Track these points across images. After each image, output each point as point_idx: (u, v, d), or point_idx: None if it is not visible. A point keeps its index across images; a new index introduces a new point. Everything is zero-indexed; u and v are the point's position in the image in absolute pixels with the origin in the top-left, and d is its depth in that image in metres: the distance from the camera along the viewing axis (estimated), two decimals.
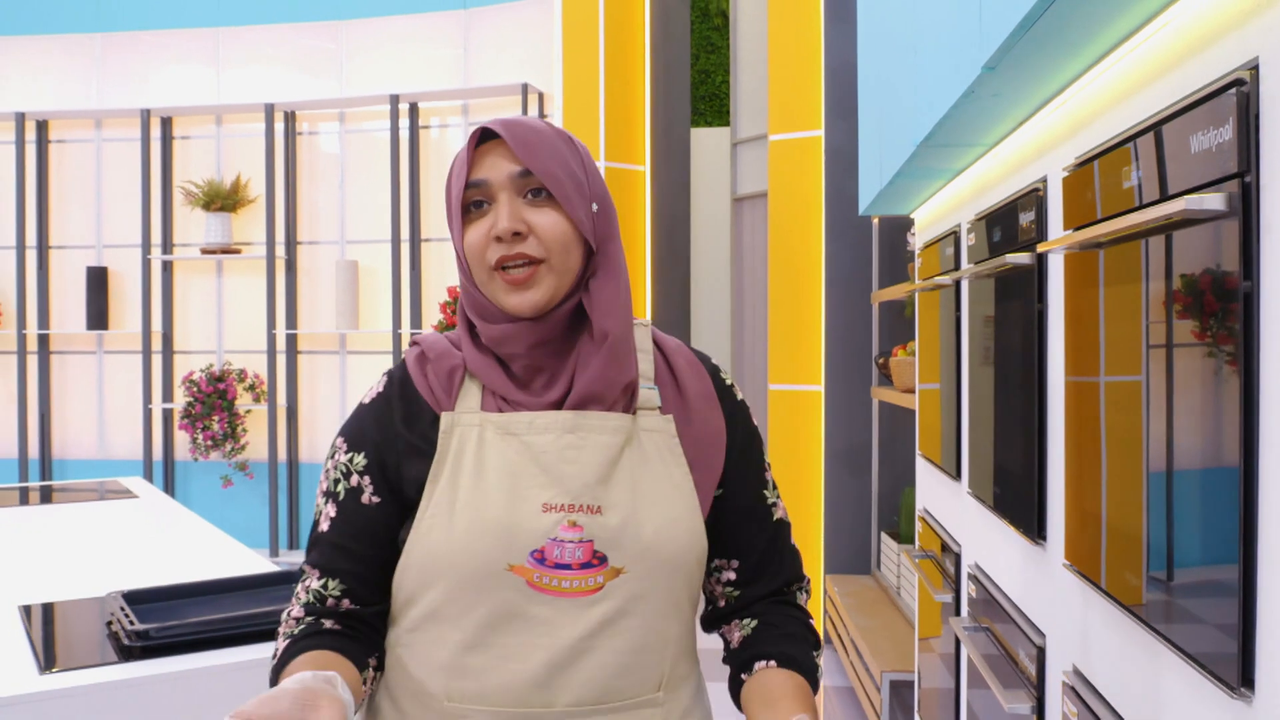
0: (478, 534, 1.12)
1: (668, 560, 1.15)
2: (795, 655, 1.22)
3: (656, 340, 1.26)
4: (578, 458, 1.14)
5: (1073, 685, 1.47)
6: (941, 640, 2.63)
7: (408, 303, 5.78)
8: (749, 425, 1.28)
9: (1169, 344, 1.12)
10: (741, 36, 5.61)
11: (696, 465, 1.20)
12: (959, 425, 2.30)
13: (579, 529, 1.12)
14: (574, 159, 1.17)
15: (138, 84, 6.21)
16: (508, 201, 1.13)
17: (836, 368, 4.60)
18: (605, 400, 1.16)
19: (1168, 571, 1.15)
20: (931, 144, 1.91)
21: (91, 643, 2.04)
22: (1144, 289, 1.17)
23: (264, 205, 5.99)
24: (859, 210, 3.24)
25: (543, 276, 1.13)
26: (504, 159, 1.14)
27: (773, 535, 1.27)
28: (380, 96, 5.76)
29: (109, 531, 3.17)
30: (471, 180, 1.15)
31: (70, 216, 6.27)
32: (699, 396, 1.23)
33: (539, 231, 1.13)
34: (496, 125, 1.15)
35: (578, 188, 1.15)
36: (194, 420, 5.95)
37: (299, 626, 1.20)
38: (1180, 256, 1.08)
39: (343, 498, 1.20)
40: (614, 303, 1.17)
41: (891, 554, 4.21)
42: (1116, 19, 1.17)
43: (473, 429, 1.16)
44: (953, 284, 2.31)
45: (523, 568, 1.11)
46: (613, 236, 1.20)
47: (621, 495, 1.14)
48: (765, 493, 1.27)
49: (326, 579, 1.19)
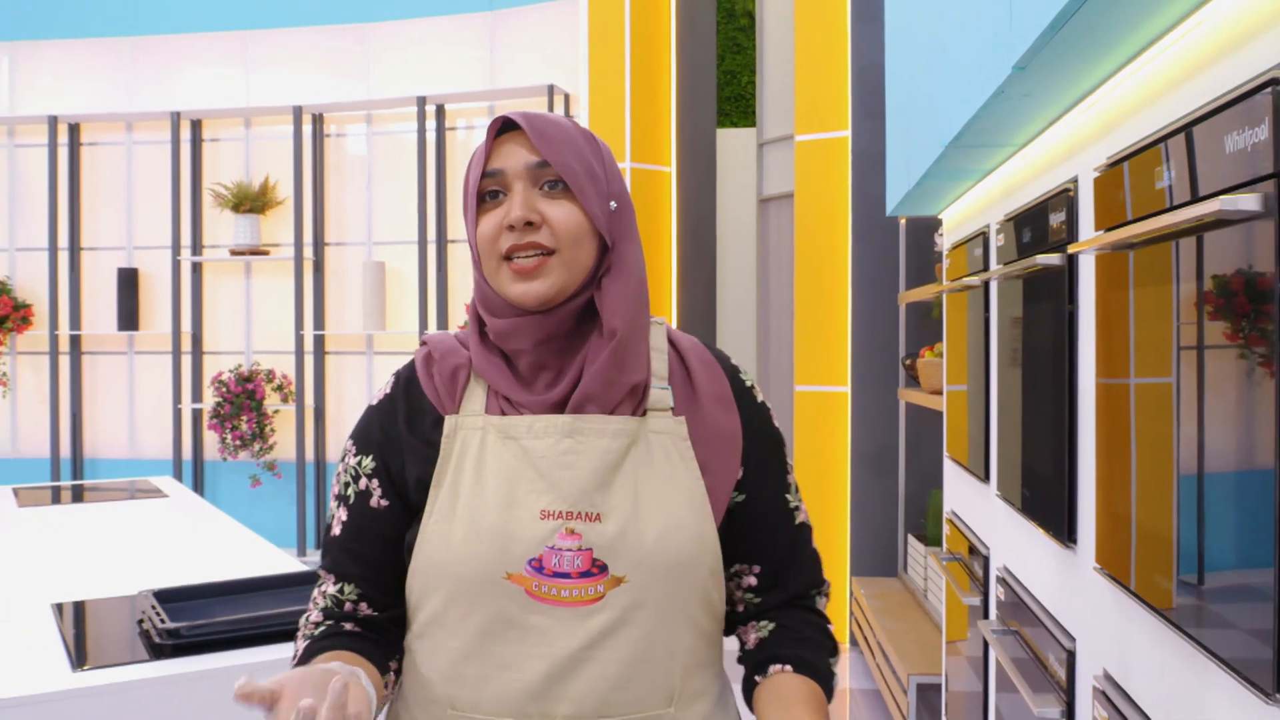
0: (475, 541, 1.10)
1: (672, 568, 1.11)
2: (811, 660, 1.20)
3: (672, 339, 1.23)
4: (575, 463, 1.11)
5: (1103, 690, 1.46)
6: (969, 643, 2.61)
7: (434, 304, 5.81)
8: (769, 427, 1.24)
9: (1200, 345, 1.11)
10: (768, 37, 5.60)
11: (709, 469, 1.16)
12: (987, 427, 2.29)
13: (577, 537, 1.09)
14: (593, 155, 1.16)
15: (168, 87, 6.27)
16: (523, 191, 1.12)
17: (863, 369, 4.59)
18: (607, 401, 1.13)
19: (1199, 575, 1.14)
20: (960, 144, 1.90)
21: (123, 641, 2.06)
22: (1175, 290, 1.16)
23: (292, 207, 6.03)
24: (886, 211, 3.22)
25: (552, 268, 1.12)
26: (522, 149, 1.13)
27: (794, 539, 1.24)
28: (407, 98, 5.79)
29: (140, 530, 3.20)
30: (488, 169, 1.14)
31: (101, 218, 6.34)
32: (713, 397, 1.19)
33: (552, 222, 1.12)
34: (516, 116, 1.14)
35: (595, 183, 1.14)
36: (223, 420, 6.00)
37: (318, 629, 1.19)
38: (1213, 257, 1.07)
39: (353, 501, 1.19)
40: (624, 301, 1.14)
41: (919, 556, 4.19)
42: (1149, 19, 1.16)
43: (475, 432, 1.15)
44: (981, 285, 2.29)
45: (521, 576, 1.09)
46: (630, 237, 1.18)
47: (622, 501, 1.11)
48: (787, 496, 1.24)
49: (342, 584, 1.19)
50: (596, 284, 1.15)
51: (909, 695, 3.29)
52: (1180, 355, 1.18)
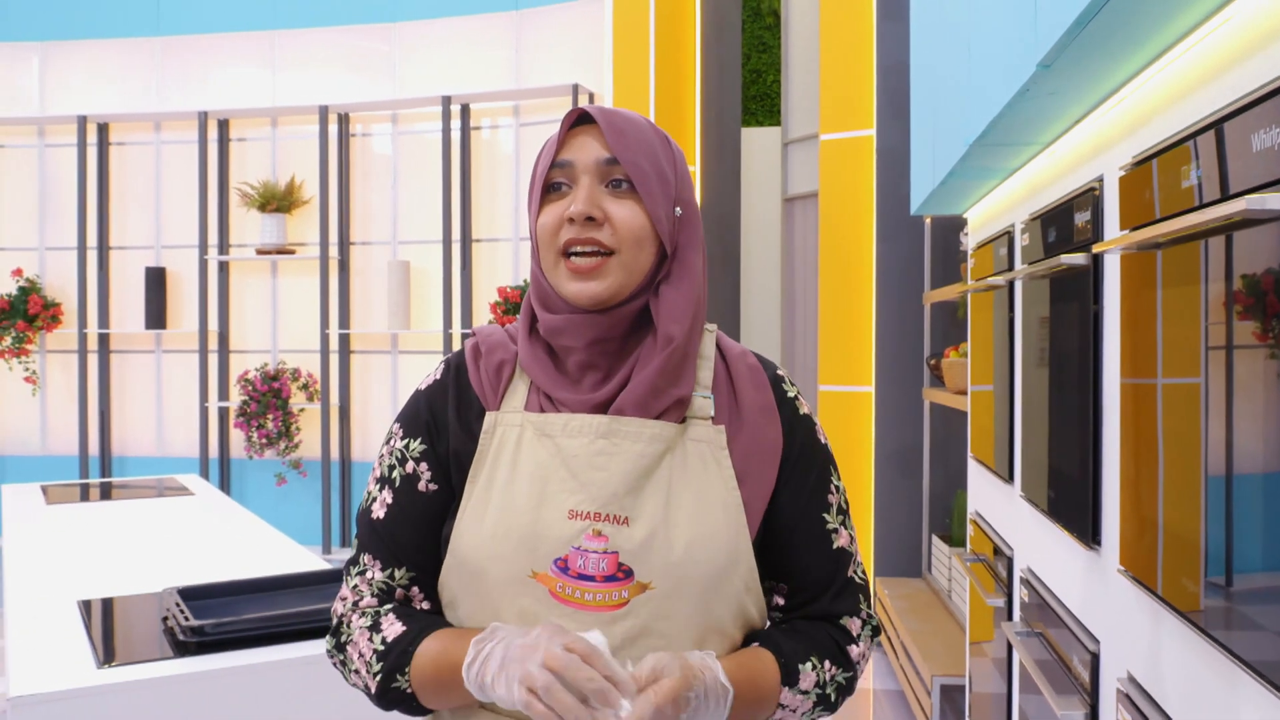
0: (503, 538, 1.09)
1: (701, 579, 1.08)
2: (781, 644, 1.14)
3: (721, 346, 1.20)
4: (608, 464, 1.09)
5: (1127, 693, 1.44)
6: (993, 644, 2.59)
7: (459, 303, 5.83)
8: (812, 440, 1.19)
9: (1229, 345, 1.10)
10: (793, 36, 5.58)
11: (746, 480, 1.13)
12: (1012, 428, 2.27)
13: (604, 539, 1.07)
14: (666, 158, 1.14)
15: (196, 86, 6.32)
16: (589, 185, 1.10)
17: (888, 369, 4.56)
18: (650, 409, 1.11)
19: (1227, 578, 1.12)
20: (985, 143, 1.89)
21: (148, 638, 2.08)
22: (1204, 290, 1.15)
23: (318, 206, 6.07)
24: (911, 210, 3.20)
25: (610, 269, 1.09)
26: (594, 143, 1.11)
27: (828, 562, 1.18)
28: (432, 98, 5.81)
29: (166, 528, 3.23)
30: (557, 160, 1.12)
31: (130, 218, 6.40)
32: (755, 407, 1.16)
33: (615, 221, 1.09)
34: (593, 109, 1.12)
35: (663, 186, 1.12)
36: (249, 419, 6.04)
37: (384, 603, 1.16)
38: (1242, 256, 1.06)
39: (399, 484, 1.17)
40: (682, 310, 1.12)
41: (943, 557, 4.17)
42: (1175, 16, 1.15)
43: (514, 429, 1.13)
44: (1006, 284, 2.28)
45: (546, 575, 1.08)
46: (694, 245, 1.15)
47: (653, 507, 1.09)
48: (825, 515, 1.18)
49: (392, 569, 1.17)
50: (654, 290, 1.13)
51: (933, 696, 3.27)
52: (1209, 355, 1.16)
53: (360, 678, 1.15)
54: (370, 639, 1.14)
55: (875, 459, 4.59)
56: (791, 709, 1.13)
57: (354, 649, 1.15)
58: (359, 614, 1.17)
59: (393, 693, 1.12)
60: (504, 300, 5.60)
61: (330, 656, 1.20)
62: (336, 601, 1.21)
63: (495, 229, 5.92)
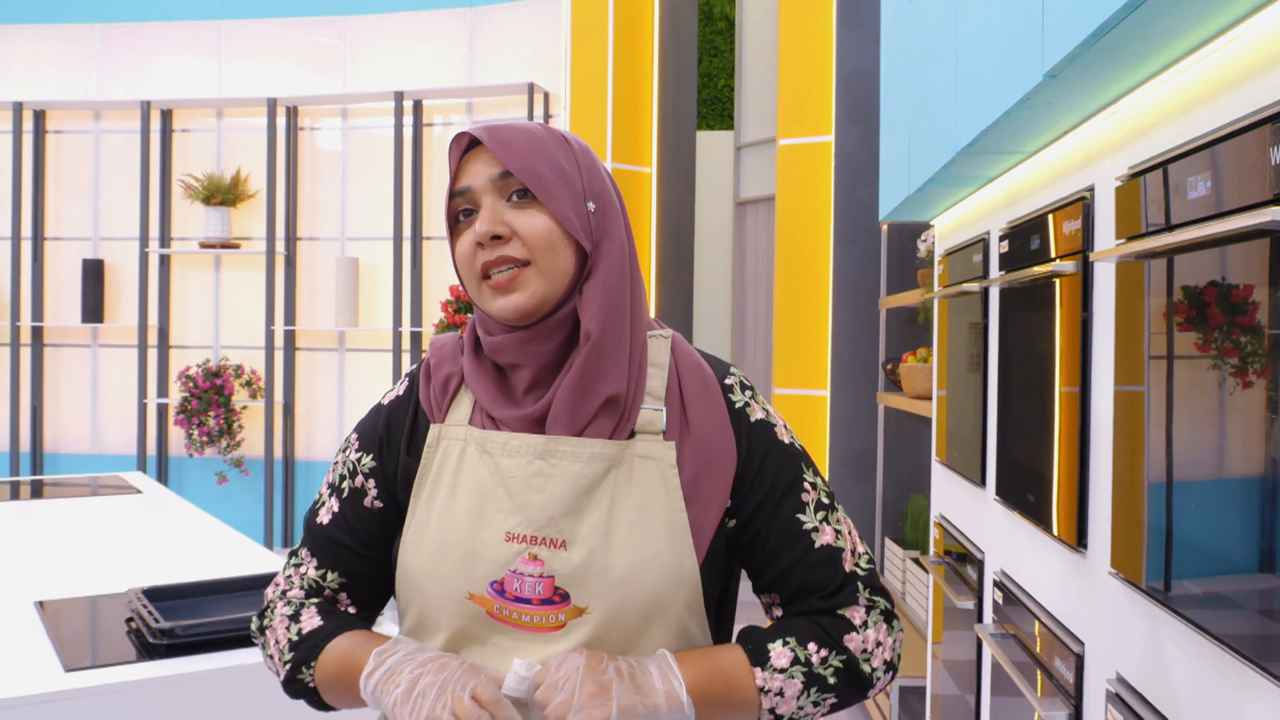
0: (442, 558, 1.09)
1: (640, 602, 1.06)
2: (749, 634, 1.12)
3: (675, 353, 1.16)
4: (544, 486, 1.07)
5: (1117, 692, 1.47)
6: (955, 646, 2.63)
7: (409, 301, 5.76)
8: (771, 445, 1.15)
9: (1220, 354, 1.13)
10: (747, 40, 5.61)
11: (694, 499, 1.09)
12: (984, 432, 2.30)
13: (539, 563, 1.06)
14: (564, 157, 1.11)
15: (138, 76, 6.17)
16: (490, 205, 1.09)
17: (843, 373, 4.61)
18: (580, 415, 1.08)
19: (1223, 578, 1.15)
20: (972, 151, 1.91)
21: (112, 640, 2.02)
22: (1216, 298, 1.17)
23: (264, 200, 5.96)
24: (879, 217, 3.24)
25: (528, 279, 1.08)
26: (485, 163, 1.10)
27: (815, 564, 1.13)
28: (384, 93, 5.74)
29: (116, 526, 3.14)
30: (456, 189, 1.12)
31: (67, 208, 6.22)
32: (706, 422, 1.12)
33: (521, 233, 1.08)
34: (477, 130, 1.11)
35: (567, 185, 1.10)
36: (190, 416, 5.91)
37: (310, 597, 1.20)
38: (1240, 268, 1.09)
39: (346, 495, 1.19)
40: (599, 303, 1.09)
41: (896, 560, 4.22)
42: (1188, 31, 1.17)
43: (456, 444, 1.12)
44: (980, 291, 2.31)
45: (482, 598, 1.07)
46: (612, 236, 1.12)
47: (592, 530, 1.06)
48: (800, 517, 1.14)
49: (325, 570, 1.19)
50: (579, 290, 1.10)
51: (891, 699, 3.30)
52: (1203, 362, 1.19)
53: (273, 663, 1.18)
54: (288, 628, 1.17)
55: (829, 462, 4.63)
56: (775, 691, 1.08)
57: (272, 634, 1.19)
58: (284, 602, 1.20)
59: (297, 684, 1.15)
60: (455, 299, 5.55)
61: (253, 638, 1.23)
62: (269, 586, 1.24)
63: None
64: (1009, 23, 1.58)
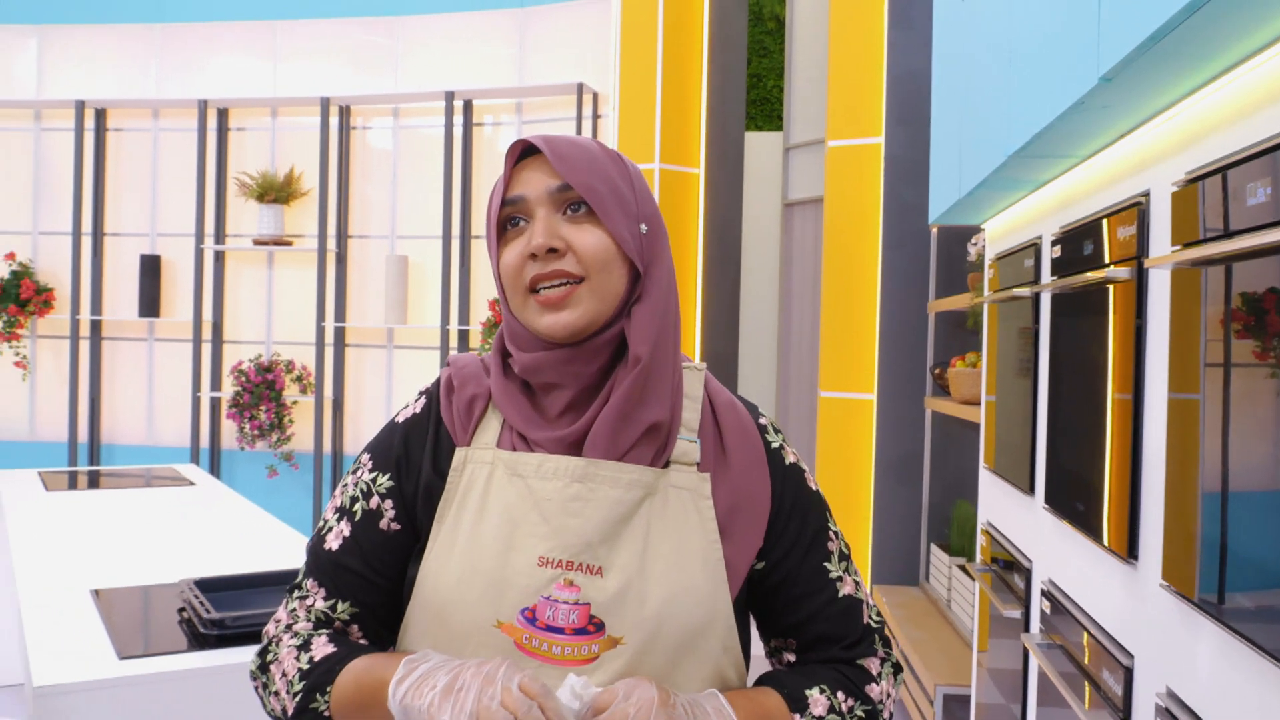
0: (468, 583, 1.03)
1: (675, 635, 1.03)
2: (782, 679, 1.10)
3: (708, 388, 1.14)
4: (582, 510, 1.03)
5: (1166, 707, 1.45)
6: (1001, 655, 2.60)
7: (456, 299, 5.81)
8: (803, 490, 1.14)
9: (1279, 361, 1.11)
10: (797, 41, 5.59)
11: (729, 534, 1.07)
12: (1034, 439, 2.28)
13: (575, 589, 1.02)
14: (620, 176, 1.09)
15: (195, 75, 6.27)
16: (545, 217, 1.05)
17: (890, 377, 4.58)
18: (622, 440, 1.05)
19: (1277, 592, 1.13)
20: (1025, 155, 1.89)
21: (165, 629, 2.06)
22: (1276, 305, 1.15)
23: (316, 198, 6.03)
24: (929, 220, 3.21)
25: (581, 297, 1.04)
26: (542, 174, 1.07)
27: (838, 613, 1.13)
28: (435, 93, 5.78)
29: (171, 518, 3.20)
30: (508, 197, 1.08)
31: (125, 204, 6.34)
32: (743, 459, 1.11)
33: (577, 248, 1.04)
34: (536, 139, 1.08)
35: (622, 205, 1.07)
36: (241, 410, 6.00)
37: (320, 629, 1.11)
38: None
39: (359, 518, 1.12)
40: (650, 328, 1.06)
41: (942, 566, 4.18)
42: (1247, 35, 1.15)
43: (484, 467, 1.08)
44: (1031, 296, 2.28)
45: (512, 626, 1.02)
46: (661, 261, 1.10)
47: (628, 557, 1.03)
48: (826, 565, 1.13)
49: (335, 600, 1.11)
50: (627, 313, 1.07)
51: (935, 705, 3.28)
52: (1260, 371, 1.17)
53: (279, 700, 1.09)
54: (297, 658, 1.08)
55: (875, 467, 4.60)
56: None
57: (278, 668, 1.09)
58: (291, 634, 1.11)
59: (309, 714, 1.06)
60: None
61: (252, 679, 1.14)
62: (270, 623, 1.16)
63: None
64: (1063, 25, 1.56)
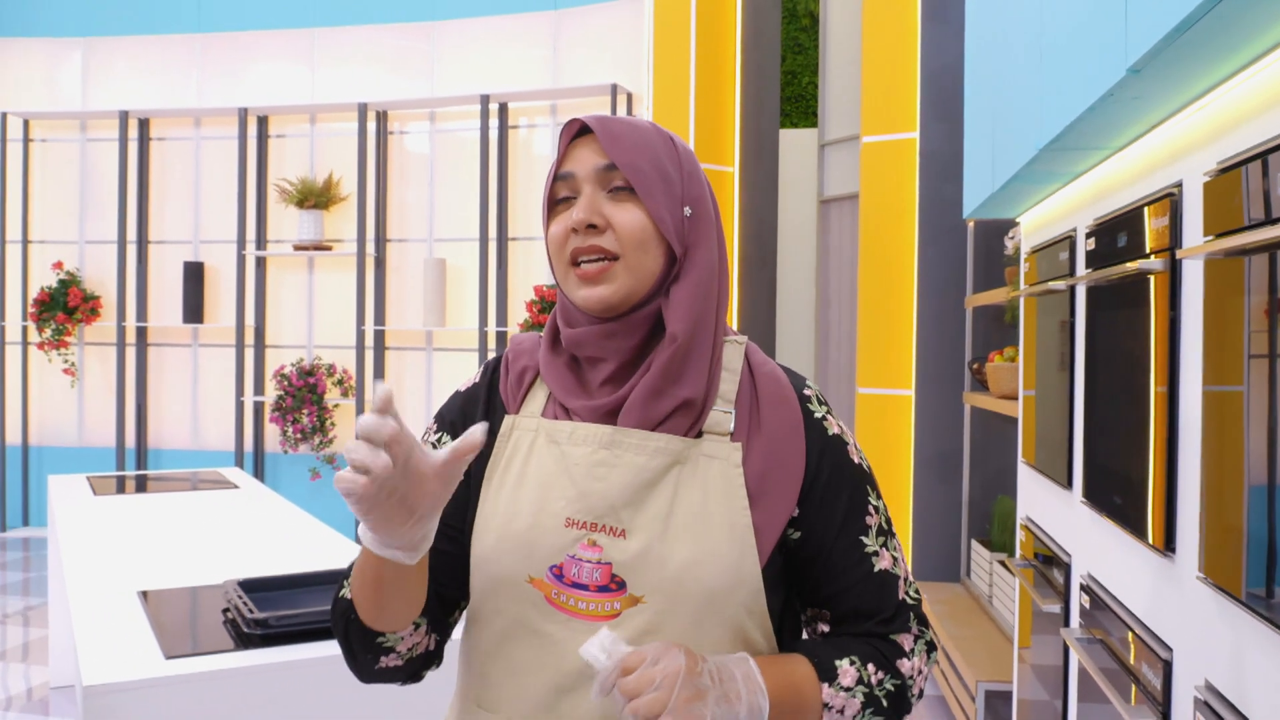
0: (505, 541, 1.10)
1: (695, 597, 1.06)
2: (813, 649, 1.11)
3: (750, 360, 1.17)
4: (607, 475, 1.09)
5: (1205, 700, 1.44)
6: (1042, 651, 2.58)
7: (494, 301, 5.84)
8: (843, 461, 1.15)
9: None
10: (831, 37, 5.57)
11: (759, 502, 1.09)
12: (1071, 433, 2.26)
13: (598, 549, 1.07)
14: (669, 158, 1.12)
15: (235, 83, 6.36)
16: (589, 194, 1.10)
17: (928, 372, 4.55)
18: (653, 413, 1.09)
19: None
20: (1056, 147, 1.88)
21: (210, 629, 2.09)
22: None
23: (355, 203, 6.10)
24: (963, 214, 3.19)
25: (616, 273, 1.09)
26: (592, 151, 1.12)
27: (872, 587, 1.14)
28: (470, 96, 5.83)
29: (215, 520, 3.26)
30: (560, 173, 1.13)
31: (169, 212, 6.45)
32: (778, 428, 1.12)
33: (616, 225, 1.09)
34: (590, 119, 1.13)
35: (666, 187, 1.11)
36: (284, 413, 6.08)
37: None
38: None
39: None
40: (687, 307, 1.10)
41: (983, 562, 4.15)
42: (1275, 25, 1.14)
43: (528, 434, 1.15)
44: (1067, 289, 2.26)
45: (541, 581, 1.08)
46: (704, 244, 1.13)
47: (651, 521, 1.07)
48: (863, 539, 1.13)
49: None
50: (665, 292, 1.12)
51: (977, 702, 3.26)
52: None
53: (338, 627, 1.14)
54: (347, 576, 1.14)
55: (914, 463, 4.57)
56: (837, 709, 1.08)
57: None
58: None
59: (339, 605, 1.12)
60: (540, 299, 5.61)
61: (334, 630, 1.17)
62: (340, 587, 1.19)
63: (532, 227, 5.94)
64: (1091, 17, 1.56)
